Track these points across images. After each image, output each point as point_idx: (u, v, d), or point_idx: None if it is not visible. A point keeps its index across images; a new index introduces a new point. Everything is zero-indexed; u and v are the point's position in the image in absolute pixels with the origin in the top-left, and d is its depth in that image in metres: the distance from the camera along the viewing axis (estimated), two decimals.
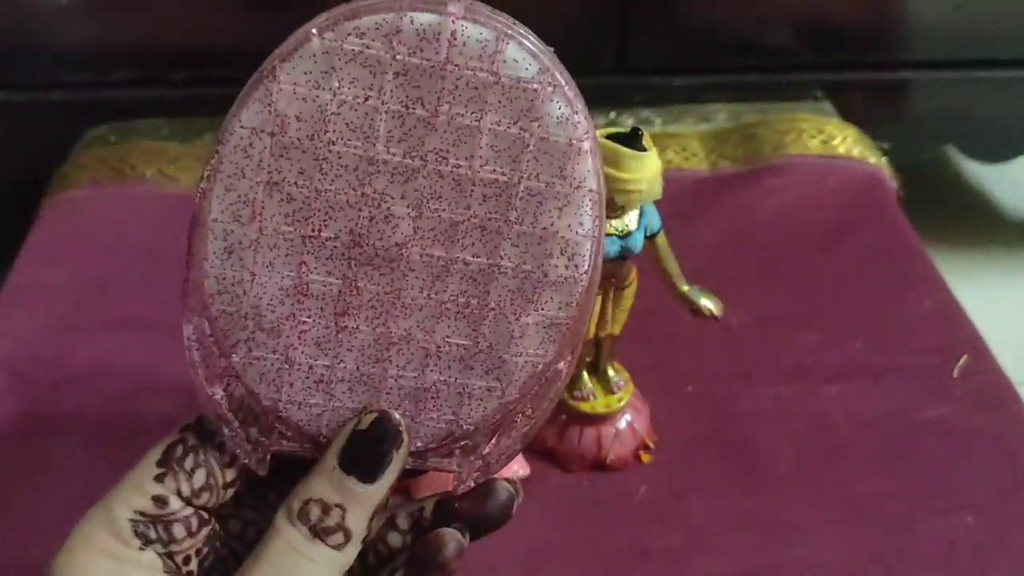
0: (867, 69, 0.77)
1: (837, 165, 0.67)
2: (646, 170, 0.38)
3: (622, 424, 0.47)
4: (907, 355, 0.53)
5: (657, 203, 0.41)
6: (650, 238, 0.41)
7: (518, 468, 0.45)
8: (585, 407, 0.46)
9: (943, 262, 0.60)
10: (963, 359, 0.52)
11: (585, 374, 0.46)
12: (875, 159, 0.68)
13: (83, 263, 0.60)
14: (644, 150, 0.38)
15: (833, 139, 0.69)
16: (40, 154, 0.69)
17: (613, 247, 0.40)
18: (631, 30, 0.73)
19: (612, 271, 0.41)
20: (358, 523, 0.27)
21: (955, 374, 0.52)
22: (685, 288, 0.44)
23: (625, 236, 0.40)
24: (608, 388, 0.46)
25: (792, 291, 0.58)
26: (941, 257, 0.61)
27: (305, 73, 0.26)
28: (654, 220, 0.41)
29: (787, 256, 0.61)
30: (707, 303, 0.44)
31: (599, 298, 0.42)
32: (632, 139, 0.37)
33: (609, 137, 0.38)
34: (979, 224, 0.88)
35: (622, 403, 0.46)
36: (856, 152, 0.68)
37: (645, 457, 0.48)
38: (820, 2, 0.74)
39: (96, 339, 0.54)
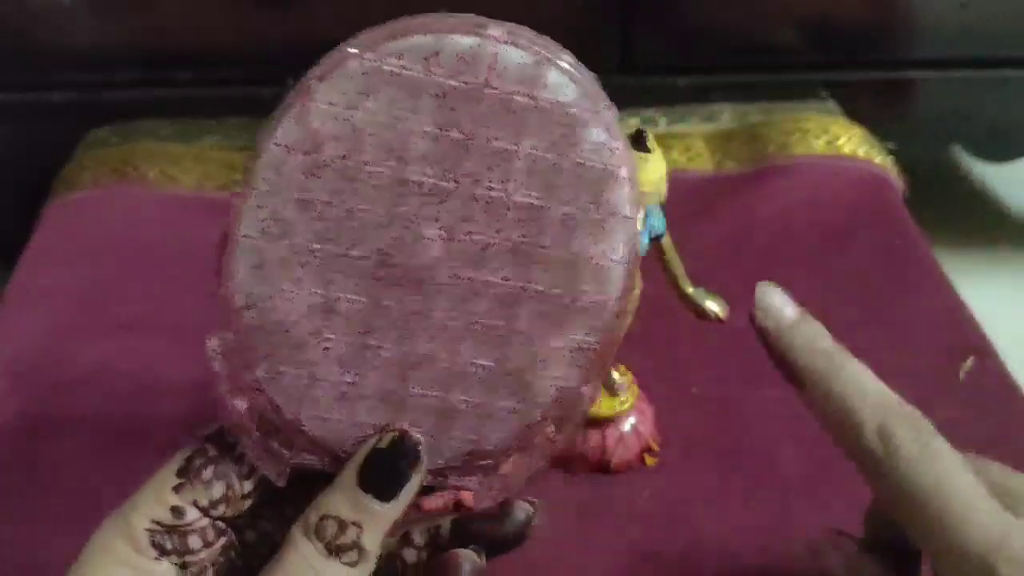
0: (873, 68, 0.77)
1: (842, 165, 0.67)
2: (651, 172, 0.38)
3: (626, 427, 0.47)
4: (913, 357, 0.53)
5: (661, 204, 0.41)
6: (654, 240, 0.41)
7: None
8: None
9: (949, 263, 0.60)
10: (969, 361, 0.52)
11: None
12: (881, 159, 0.68)
13: (86, 265, 0.60)
14: (649, 151, 0.37)
15: (838, 139, 0.68)
16: (42, 155, 0.69)
17: None
18: (636, 30, 0.73)
19: None
20: (373, 542, 0.27)
21: (961, 377, 0.51)
22: (690, 290, 0.43)
23: None
24: (612, 390, 0.46)
25: (797, 292, 0.58)
26: (947, 258, 0.61)
27: (342, 93, 0.25)
28: (658, 222, 0.41)
29: (792, 257, 0.61)
30: (712, 305, 0.43)
31: None
32: (637, 140, 0.37)
33: None
34: (986, 224, 0.87)
35: (626, 406, 0.46)
36: (862, 152, 0.68)
37: (649, 460, 0.47)
38: (825, 1, 0.73)
39: (99, 341, 0.54)
